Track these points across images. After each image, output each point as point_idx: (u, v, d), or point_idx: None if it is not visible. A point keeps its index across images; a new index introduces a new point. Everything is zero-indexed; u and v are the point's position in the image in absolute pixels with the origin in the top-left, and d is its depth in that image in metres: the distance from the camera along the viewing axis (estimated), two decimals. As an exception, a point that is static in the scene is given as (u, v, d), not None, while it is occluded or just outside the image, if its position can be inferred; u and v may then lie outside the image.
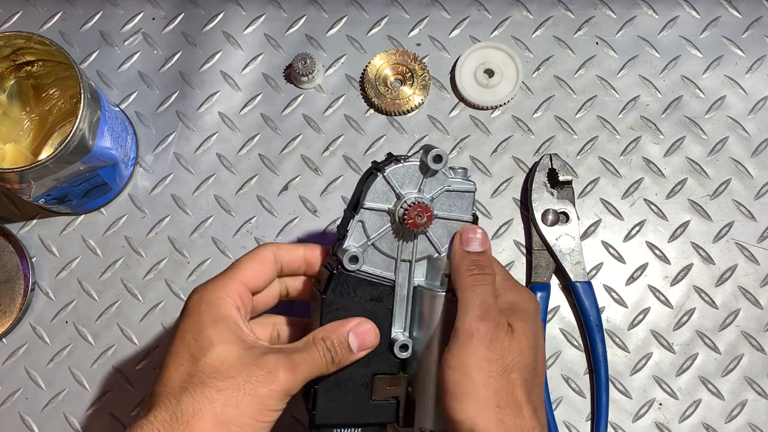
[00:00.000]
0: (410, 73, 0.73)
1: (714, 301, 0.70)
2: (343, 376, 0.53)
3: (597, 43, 0.75)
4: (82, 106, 0.59)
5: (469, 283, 0.51)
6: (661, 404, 0.68)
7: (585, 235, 0.71)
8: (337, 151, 0.73)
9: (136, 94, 0.75)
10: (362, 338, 0.52)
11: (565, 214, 0.70)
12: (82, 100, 0.59)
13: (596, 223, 0.71)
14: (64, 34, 0.76)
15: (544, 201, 0.70)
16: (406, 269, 0.54)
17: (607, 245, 0.71)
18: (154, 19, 0.76)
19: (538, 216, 0.69)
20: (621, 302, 0.70)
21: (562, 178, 0.69)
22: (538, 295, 0.68)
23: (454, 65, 0.74)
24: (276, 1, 0.76)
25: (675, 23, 0.75)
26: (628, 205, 0.72)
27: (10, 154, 0.67)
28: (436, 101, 0.74)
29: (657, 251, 0.71)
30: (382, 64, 0.74)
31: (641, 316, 0.69)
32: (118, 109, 0.71)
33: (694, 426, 0.67)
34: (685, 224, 0.71)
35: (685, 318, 0.69)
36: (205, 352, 0.47)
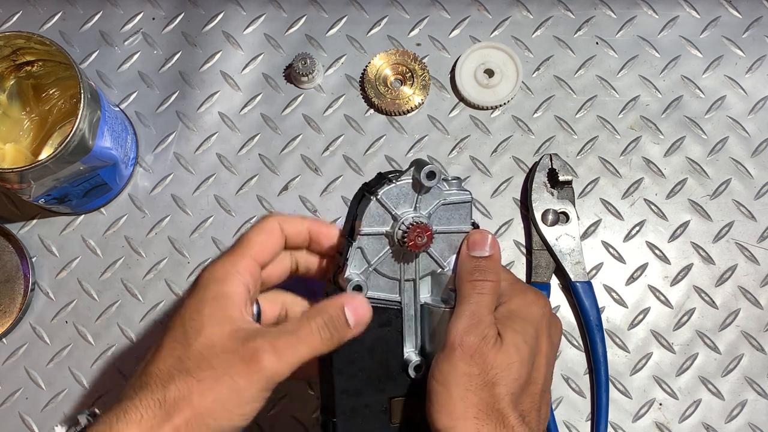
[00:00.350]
0: (410, 73, 0.73)
1: (714, 301, 0.70)
2: (360, 404, 0.52)
3: (597, 43, 0.75)
4: (82, 106, 0.59)
5: (466, 291, 0.50)
6: (661, 404, 0.68)
7: (585, 235, 0.71)
8: (337, 151, 0.73)
9: (136, 94, 0.75)
10: (357, 312, 0.49)
11: (565, 214, 0.70)
12: (82, 100, 0.59)
13: (596, 223, 0.71)
14: (64, 34, 0.76)
15: (544, 201, 0.70)
16: (411, 288, 0.53)
17: (607, 245, 0.71)
18: (154, 19, 0.76)
19: (538, 216, 0.69)
20: (621, 302, 0.70)
21: (562, 178, 0.69)
22: (538, 295, 0.68)
23: (454, 65, 0.74)
24: (276, 1, 0.76)
25: (675, 23, 0.75)
26: (628, 205, 0.72)
27: (10, 154, 0.67)
28: (436, 101, 0.74)
29: (657, 251, 0.71)
30: (382, 64, 0.74)
31: (641, 316, 0.69)
32: (118, 109, 0.71)
33: (694, 426, 0.67)
34: (685, 224, 0.71)
35: (685, 318, 0.69)
36: (195, 335, 0.46)
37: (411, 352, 0.54)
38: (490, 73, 0.73)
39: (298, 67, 0.72)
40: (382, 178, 0.52)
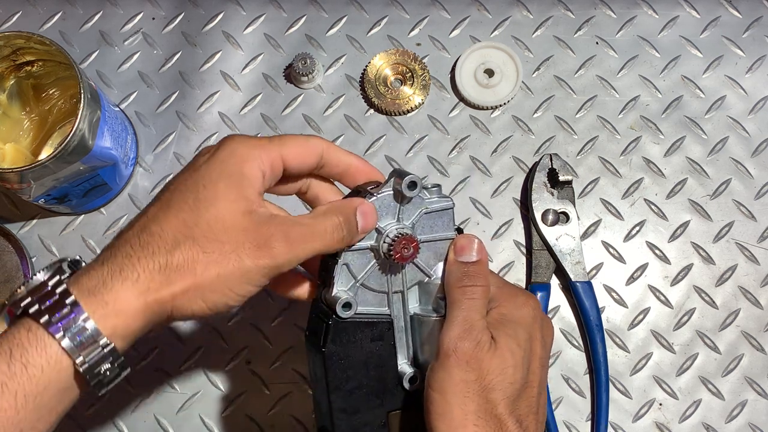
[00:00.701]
0: (410, 73, 0.73)
1: (714, 301, 0.70)
2: (359, 422, 0.52)
3: (597, 43, 0.75)
4: (82, 106, 0.59)
5: (456, 297, 0.50)
6: (661, 404, 0.68)
7: (585, 235, 0.71)
8: (337, 151, 0.73)
9: (136, 94, 0.75)
10: (366, 218, 0.48)
11: (565, 214, 0.70)
12: (82, 100, 0.59)
13: (596, 223, 0.71)
14: (64, 34, 0.76)
15: (544, 201, 0.70)
16: (399, 300, 0.52)
17: (607, 245, 0.71)
18: (154, 19, 0.76)
19: (538, 216, 0.69)
20: (621, 302, 0.70)
21: (562, 178, 0.69)
22: (538, 295, 0.68)
23: (454, 65, 0.74)
24: (276, 1, 0.76)
25: (675, 23, 0.75)
26: (628, 205, 0.72)
27: (10, 154, 0.67)
28: (436, 101, 0.74)
29: (657, 251, 0.71)
30: (382, 64, 0.74)
31: (641, 316, 0.69)
32: (118, 109, 0.71)
33: (695, 426, 0.67)
34: (686, 224, 0.71)
35: (686, 318, 0.69)
36: (207, 205, 0.45)
37: (404, 364, 0.53)
38: (490, 73, 0.73)
39: (298, 67, 0.72)
40: (361, 193, 0.51)
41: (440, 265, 0.53)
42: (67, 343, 0.42)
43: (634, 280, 0.70)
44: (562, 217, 0.70)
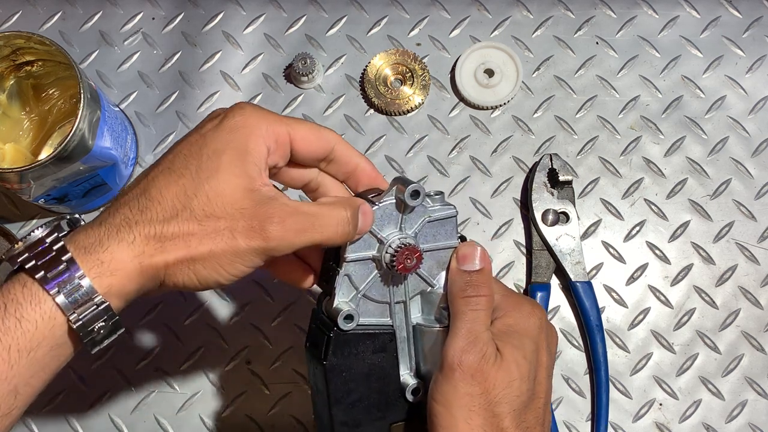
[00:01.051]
0: (410, 73, 0.73)
1: (714, 301, 0.70)
2: None
3: (597, 43, 0.75)
4: (81, 106, 0.59)
5: (460, 308, 0.49)
6: (661, 404, 0.68)
7: (585, 235, 0.71)
8: (337, 151, 0.73)
9: (136, 94, 0.75)
10: (365, 219, 0.48)
11: (565, 214, 0.70)
12: (82, 100, 0.59)
13: (596, 223, 0.71)
14: (64, 34, 0.76)
15: (544, 201, 0.70)
16: (401, 310, 0.51)
17: (607, 245, 0.71)
18: (153, 19, 0.76)
19: (538, 216, 0.69)
20: (621, 302, 0.70)
21: (562, 178, 0.69)
22: (538, 295, 0.68)
23: (454, 65, 0.74)
24: (276, 1, 0.76)
25: (675, 23, 0.75)
26: (628, 205, 0.72)
27: (9, 154, 0.67)
28: (436, 101, 0.74)
29: (657, 251, 0.71)
30: (382, 64, 0.74)
31: (641, 316, 0.69)
32: (118, 109, 0.71)
33: (695, 426, 0.67)
34: (686, 224, 0.71)
35: (686, 318, 0.69)
36: (208, 176, 0.44)
37: (407, 375, 0.52)
38: (490, 73, 0.73)
39: (298, 67, 0.72)
40: (363, 199, 0.50)
41: (443, 275, 0.52)
42: (62, 299, 0.42)
43: (634, 280, 0.70)
44: (562, 217, 0.70)
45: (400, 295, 0.51)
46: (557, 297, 0.70)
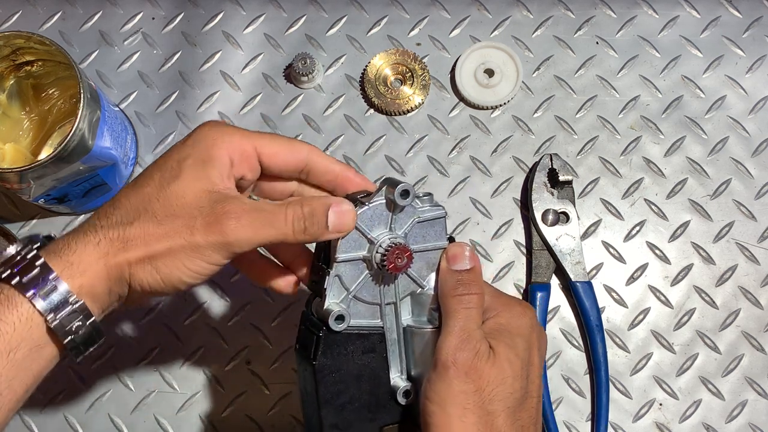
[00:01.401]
0: (410, 73, 0.73)
1: (714, 301, 0.70)
2: None
3: (597, 43, 0.75)
4: (81, 106, 0.59)
5: (452, 307, 0.49)
6: (661, 404, 0.68)
7: (585, 235, 0.71)
8: (337, 151, 0.73)
9: (135, 94, 0.75)
10: (341, 218, 0.47)
11: (566, 214, 0.70)
12: (82, 100, 0.59)
13: (596, 223, 0.71)
14: (64, 34, 0.76)
15: (544, 201, 0.70)
16: (392, 312, 0.52)
17: (607, 245, 0.71)
18: (153, 18, 0.76)
19: (538, 216, 0.69)
20: (621, 302, 0.70)
21: (562, 178, 0.69)
22: (538, 295, 0.68)
23: (454, 65, 0.74)
24: (276, 0, 0.76)
25: (675, 23, 0.75)
26: (628, 205, 0.72)
27: (9, 154, 0.67)
28: (436, 101, 0.74)
29: (657, 251, 0.71)
30: (382, 64, 0.73)
31: (641, 316, 0.69)
32: (117, 109, 0.71)
33: (695, 426, 0.67)
34: (686, 224, 0.71)
35: (686, 318, 0.69)
36: (170, 181, 0.47)
37: (397, 378, 0.52)
38: (490, 73, 0.73)
39: (298, 67, 0.72)
40: (353, 200, 0.50)
41: (433, 276, 0.52)
42: (38, 300, 0.44)
43: (634, 280, 0.70)
44: (562, 217, 0.70)
45: (390, 297, 0.51)
46: (557, 297, 0.70)
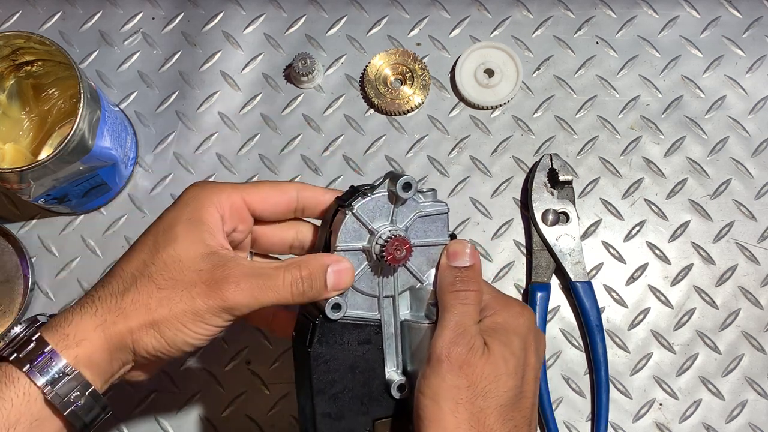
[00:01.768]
0: (410, 73, 0.73)
1: (714, 301, 0.70)
2: (344, 428, 0.51)
3: (597, 43, 0.75)
4: (81, 106, 0.59)
5: (449, 303, 0.49)
6: (661, 404, 0.68)
7: (585, 235, 0.71)
8: (337, 151, 0.73)
9: (135, 94, 0.75)
10: (339, 277, 0.48)
11: (566, 214, 0.70)
12: (82, 100, 0.59)
13: (596, 223, 0.71)
14: (64, 34, 0.76)
15: (544, 201, 0.70)
16: (390, 305, 0.52)
17: (607, 245, 0.71)
18: (153, 18, 0.76)
19: (538, 216, 0.69)
20: (621, 302, 0.70)
21: (562, 178, 0.69)
22: (538, 295, 0.68)
23: (454, 65, 0.74)
24: (276, 1, 0.76)
25: (675, 23, 0.75)
26: (628, 205, 0.72)
27: (9, 154, 0.67)
28: (436, 101, 0.74)
29: (657, 251, 0.71)
30: (382, 64, 0.73)
31: (641, 316, 0.69)
32: (117, 109, 0.71)
33: (695, 426, 0.67)
34: (686, 224, 0.71)
35: (686, 318, 0.69)
36: (165, 246, 0.47)
37: (393, 372, 0.52)
38: (490, 73, 0.73)
39: (298, 67, 0.72)
40: (356, 192, 0.50)
41: (432, 271, 0.52)
42: (34, 373, 0.44)
43: (634, 280, 0.70)
44: (562, 217, 0.70)
45: (389, 290, 0.51)
46: (557, 297, 0.70)
